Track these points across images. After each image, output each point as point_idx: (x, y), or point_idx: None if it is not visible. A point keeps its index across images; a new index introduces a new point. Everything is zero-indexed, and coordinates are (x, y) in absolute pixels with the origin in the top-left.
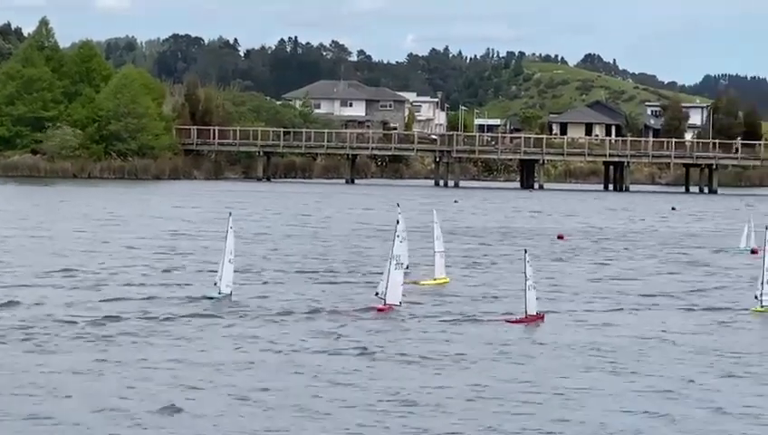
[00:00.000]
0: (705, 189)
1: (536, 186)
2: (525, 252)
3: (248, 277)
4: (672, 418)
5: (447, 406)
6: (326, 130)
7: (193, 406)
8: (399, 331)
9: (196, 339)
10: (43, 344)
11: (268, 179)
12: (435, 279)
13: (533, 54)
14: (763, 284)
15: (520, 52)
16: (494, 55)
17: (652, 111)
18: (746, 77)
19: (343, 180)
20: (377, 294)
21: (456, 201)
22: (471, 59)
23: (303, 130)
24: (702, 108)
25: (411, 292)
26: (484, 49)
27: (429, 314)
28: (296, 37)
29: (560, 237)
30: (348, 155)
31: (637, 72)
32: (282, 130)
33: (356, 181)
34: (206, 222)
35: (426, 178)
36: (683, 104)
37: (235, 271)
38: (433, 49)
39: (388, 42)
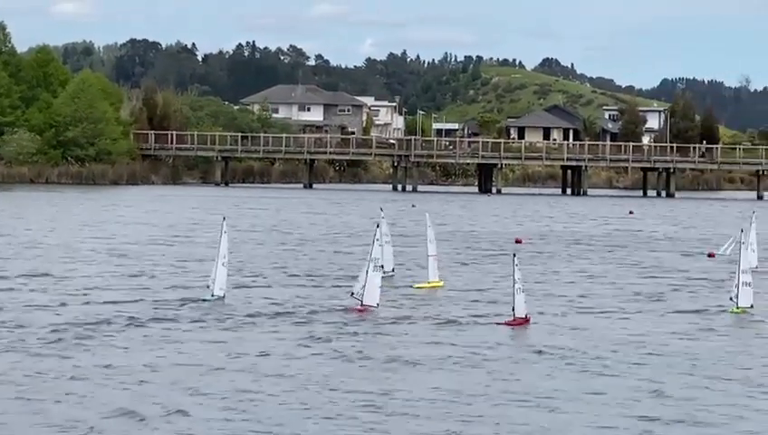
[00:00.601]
0: (663, 193)
1: (494, 190)
2: (514, 256)
3: (240, 280)
4: (658, 422)
5: (419, 409)
6: (284, 135)
7: (193, 409)
8: (381, 334)
9: (189, 341)
10: (33, 350)
11: (226, 184)
12: (429, 282)
13: (491, 59)
14: (738, 286)
15: (478, 56)
16: (452, 59)
17: (610, 115)
18: (703, 81)
19: (301, 185)
20: (352, 294)
21: (413, 205)
22: (429, 63)
23: (261, 134)
24: (659, 112)
25: (409, 296)
26: (441, 53)
27: (417, 317)
28: (254, 42)
29: (518, 241)
30: (306, 160)
31: (594, 77)
32: (239, 134)
33: (314, 186)
34: (188, 227)
35: (384, 182)
36: (640, 108)
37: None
38: (391, 53)
39: (346, 46)
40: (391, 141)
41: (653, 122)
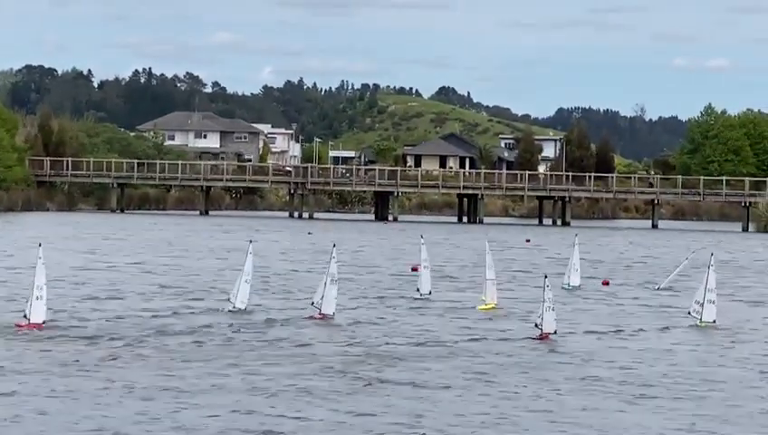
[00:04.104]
0: (559, 221)
1: (391, 218)
2: (545, 277)
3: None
4: None
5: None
6: (180, 162)
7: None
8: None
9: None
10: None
11: (122, 211)
12: (486, 305)
13: (388, 87)
14: (703, 301)
15: (374, 84)
16: (349, 87)
17: (506, 144)
18: (599, 110)
19: (197, 212)
20: (312, 303)
21: (309, 233)
22: (326, 91)
23: (157, 161)
24: (555, 140)
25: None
26: (338, 81)
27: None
28: (150, 68)
29: (414, 269)
30: (202, 187)
31: (491, 105)
32: (135, 161)
33: (210, 213)
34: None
35: (280, 209)
36: (536, 137)
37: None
38: (288, 81)
39: (242, 74)
40: (288, 169)
41: (549, 151)
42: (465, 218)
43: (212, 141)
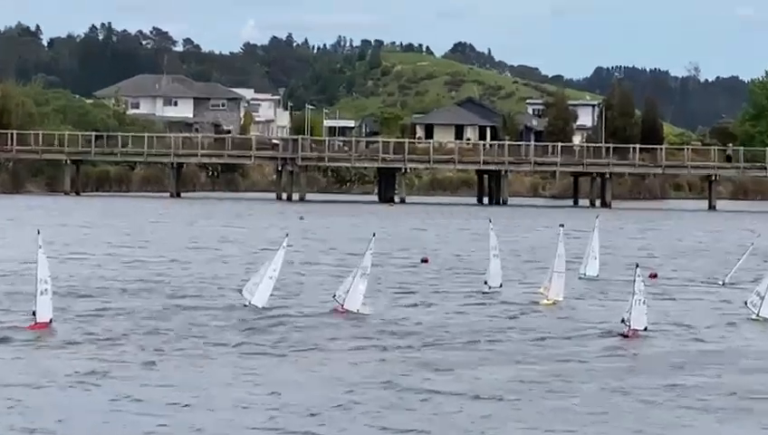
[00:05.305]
0: (598, 202)
1: (397, 199)
2: (637, 266)
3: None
4: None
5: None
6: (146, 135)
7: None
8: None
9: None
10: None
11: (77, 193)
12: (548, 299)
13: (393, 44)
14: (765, 294)
15: (377, 40)
16: (347, 45)
17: (534, 111)
18: (645, 69)
19: (167, 194)
20: (334, 296)
21: (301, 218)
22: (319, 49)
23: (119, 134)
24: (593, 106)
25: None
26: (334, 37)
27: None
28: (110, 24)
29: (424, 261)
30: (172, 163)
31: (516, 65)
32: (93, 133)
33: (182, 195)
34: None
35: (266, 190)
36: (570, 102)
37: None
38: (274, 38)
39: (220, 29)
40: (275, 142)
41: (585, 118)
42: (485, 200)
43: (184, 110)
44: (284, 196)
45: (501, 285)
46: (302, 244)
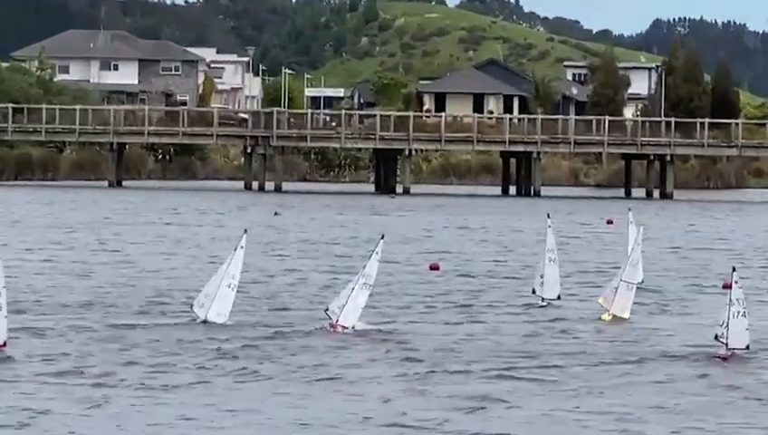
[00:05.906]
0: (656, 193)
1: (399, 189)
2: (734, 270)
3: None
4: None
5: None
6: (78, 107)
7: None
8: None
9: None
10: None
11: None
12: (608, 314)
13: None
14: None
15: None
16: None
17: (575, 76)
18: (715, 23)
19: (105, 183)
20: (326, 310)
21: (276, 213)
22: None
23: (44, 106)
24: (649, 69)
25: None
26: None
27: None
28: None
29: (433, 268)
30: (112, 144)
31: (551, 17)
32: (10, 106)
33: (124, 184)
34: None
35: (232, 178)
36: (621, 64)
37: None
38: None
39: None
40: (243, 116)
41: (640, 86)
42: (512, 189)
43: (127, 75)
44: (255, 185)
45: (559, 297)
46: (277, 246)
